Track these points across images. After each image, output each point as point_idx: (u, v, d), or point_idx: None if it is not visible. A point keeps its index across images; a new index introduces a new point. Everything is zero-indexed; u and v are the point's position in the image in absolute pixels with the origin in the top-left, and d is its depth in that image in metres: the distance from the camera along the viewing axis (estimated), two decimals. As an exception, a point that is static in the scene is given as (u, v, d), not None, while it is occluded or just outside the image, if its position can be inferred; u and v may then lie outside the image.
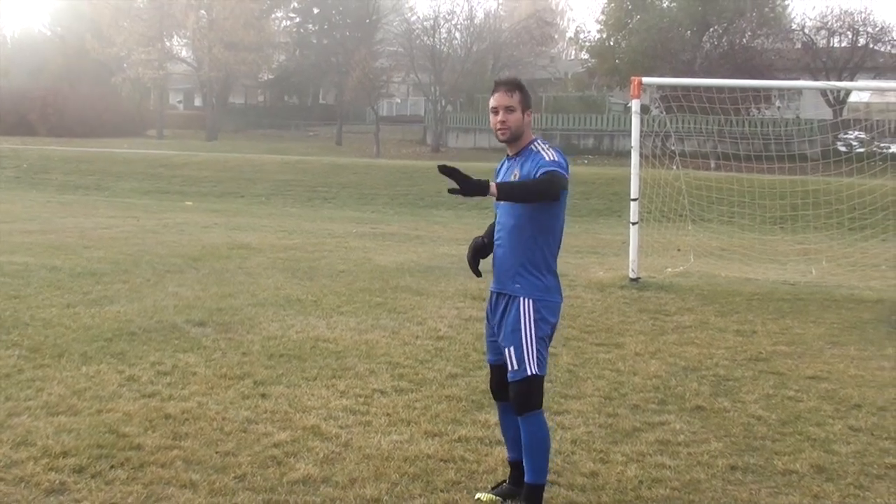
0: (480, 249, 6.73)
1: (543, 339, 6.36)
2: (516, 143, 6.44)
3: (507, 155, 6.58)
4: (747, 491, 7.01)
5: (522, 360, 6.29)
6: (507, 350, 6.38)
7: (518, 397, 6.37)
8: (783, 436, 8.36)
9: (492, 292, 6.64)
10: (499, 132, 6.40)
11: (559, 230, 6.48)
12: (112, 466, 7.03)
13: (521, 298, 6.35)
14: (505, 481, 6.85)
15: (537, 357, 6.32)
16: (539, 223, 6.34)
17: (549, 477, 7.02)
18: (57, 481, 6.70)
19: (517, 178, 6.32)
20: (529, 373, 6.30)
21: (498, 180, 6.42)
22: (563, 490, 6.63)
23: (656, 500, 6.79)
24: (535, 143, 6.43)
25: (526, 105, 6.42)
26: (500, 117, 6.36)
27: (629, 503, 6.72)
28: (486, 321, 6.83)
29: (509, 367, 6.36)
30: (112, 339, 11.11)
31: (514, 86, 6.42)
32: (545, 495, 6.70)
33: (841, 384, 10.21)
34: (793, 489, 7.08)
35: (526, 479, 6.42)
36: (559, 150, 6.44)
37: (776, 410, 9.15)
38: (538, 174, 6.18)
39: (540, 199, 6.17)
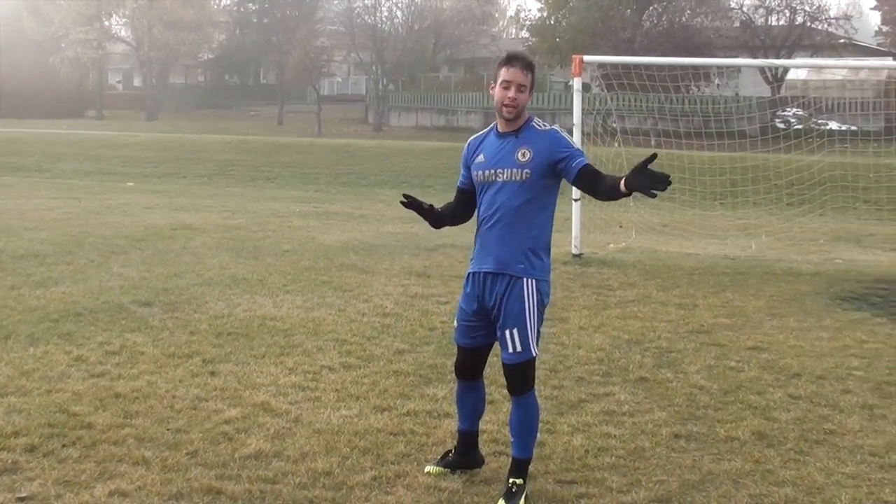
0: (433, 215, 6.75)
1: (542, 320, 6.43)
2: (515, 121, 6.38)
3: (497, 132, 6.47)
4: (691, 458, 7.18)
5: (527, 342, 6.30)
6: (509, 332, 6.31)
7: (517, 379, 6.40)
8: (725, 404, 8.54)
9: (483, 273, 6.43)
10: (506, 108, 6.29)
11: (555, 208, 6.51)
12: (64, 445, 7.06)
13: (525, 280, 6.31)
14: (450, 452, 6.93)
15: (537, 337, 6.38)
16: (544, 204, 6.37)
17: (497, 448, 7.18)
18: (9, 461, 6.72)
19: (529, 157, 6.25)
20: (532, 354, 6.34)
21: (489, 158, 6.41)
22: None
23: (602, 467, 6.92)
24: (535, 121, 6.42)
25: (533, 86, 6.40)
26: (511, 93, 6.26)
27: (576, 471, 6.85)
28: (462, 303, 6.64)
29: (509, 349, 6.32)
30: (58, 321, 11.08)
31: (528, 65, 6.36)
32: (493, 465, 6.86)
33: (780, 354, 10.41)
34: (735, 455, 7.25)
35: (515, 454, 6.48)
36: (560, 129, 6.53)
37: (718, 380, 9.32)
38: (578, 165, 6.27)
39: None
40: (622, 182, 5.94)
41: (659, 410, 8.33)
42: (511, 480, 6.40)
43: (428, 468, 6.80)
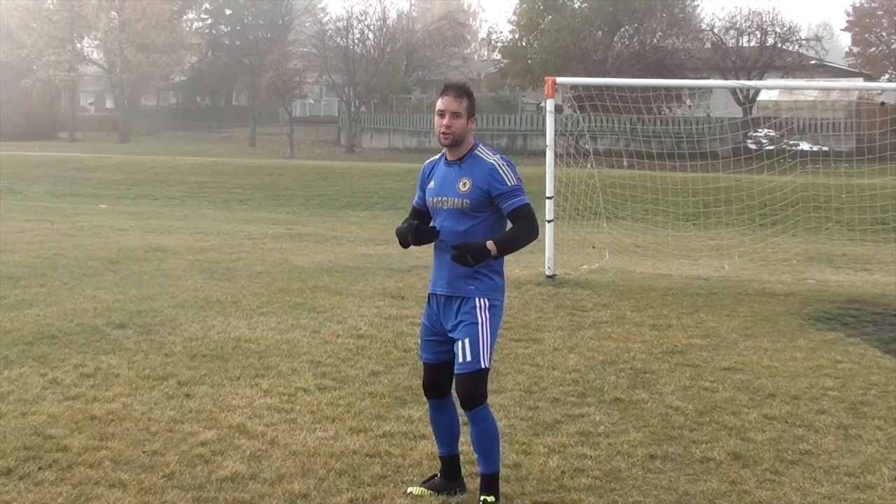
0: (421, 235, 6.59)
1: (495, 335, 6.49)
2: (458, 149, 6.52)
3: (446, 160, 6.62)
4: (667, 478, 7.20)
5: (477, 352, 6.37)
6: (461, 342, 6.40)
7: (467, 390, 6.45)
8: (700, 425, 8.57)
9: (438, 295, 6.60)
10: (442, 136, 6.46)
11: (505, 229, 6.58)
12: (40, 468, 7.05)
13: (476, 298, 6.43)
14: (436, 475, 6.94)
15: (490, 351, 6.44)
16: (490, 226, 6.46)
17: (473, 469, 7.16)
18: (-15, 483, 6.71)
19: (469, 187, 6.39)
20: (483, 365, 6.40)
21: (437, 185, 6.57)
22: (487, 481, 6.73)
23: (578, 489, 6.94)
24: (479, 149, 6.53)
25: (471, 112, 6.51)
26: (445, 121, 6.42)
27: (552, 492, 6.87)
28: (425, 319, 6.78)
29: (460, 359, 6.40)
30: (33, 343, 11.05)
31: (462, 91, 6.50)
32: (471, 486, 6.85)
33: (755, 375, 10.45)
34: (711, 476, 7.27)
35: (482, 470, 6.55)
36: (506, 159, 6.56)
37: (693, 401, 9.35)
38: (509, 208, 6.37)
39: (532, 241, 6.41)
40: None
41: (634, 431, 8.35)
42: (482, 498, 6.46)
43: (410, 489, 6.83)
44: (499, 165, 6.47)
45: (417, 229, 6.55)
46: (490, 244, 6.24)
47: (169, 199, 40.15)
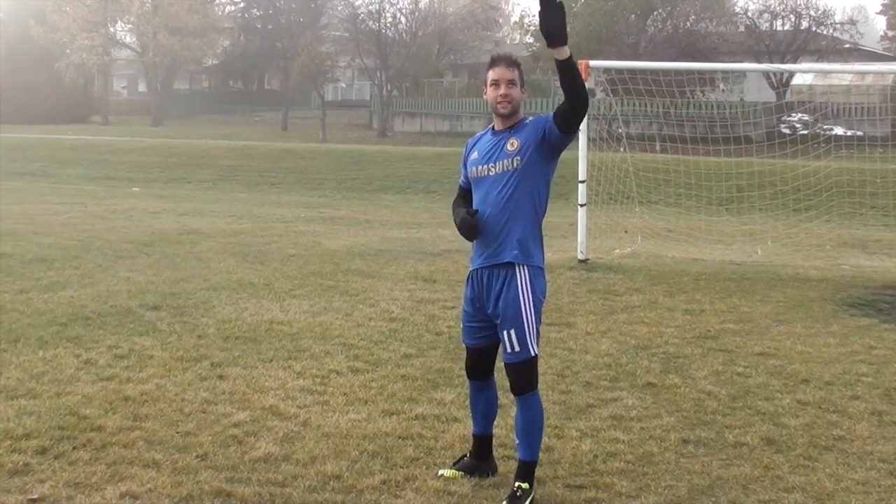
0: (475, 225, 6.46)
1: (539, 318, 6.44)
2: (511, 118, 6.46)
3: (493, 130, 6.57)
4: (699, 463, 7.18)
5: (525, 342, 6.33)
6: (506, 332, 6.35)
7: (519, 379, 6.43)
8: (733, 410, 8.55)
9: (479, 269, 6.51)
10: (499, 105, 6.40)
11: (546, 205, 6.54)
12: (74, 447, 7.09)
13: (517, 268, 6.34)
14: (465, 455, 6.95)
15: (537, 336, 6.40)
16: (535, 194, 6.40)
17: (507, 452, 7.17)
18: (21, 462, 6.75)
19: (517, 145, 6.34)
20: (532, 353, 6.37)
21: (482, 155, 6.51)
22: (520, 465, 6.73)
23: (611, 472, 6.93)
24: (528, 120, 6.48)
25: (522, 82, 6.50)
26: (502, 90, 6.38)
27: (585, 476, 6.86)
28: (465, 305, 6.71)
29: (508, 350, 6.37)
30: (67, 324, 11.10)
31: (513, 62, 6.50)
32: (502, 469, 6.87)
33: (788, 360, 10.41)
34: (744, 461, 7.25)
35: (521, 456, 6.51)
36: None
37: (726, 386, 9.33)
38: (554, 111, 6.33)
39: (582, 91, 6.21)
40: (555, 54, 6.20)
41: (667, 416, 8.34)
42: (517, 484, 6.43)
43: (441, 471, 6.83)
44: (540, 115, 6.49)
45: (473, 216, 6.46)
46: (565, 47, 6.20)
47: (201, 183, 40.28)
